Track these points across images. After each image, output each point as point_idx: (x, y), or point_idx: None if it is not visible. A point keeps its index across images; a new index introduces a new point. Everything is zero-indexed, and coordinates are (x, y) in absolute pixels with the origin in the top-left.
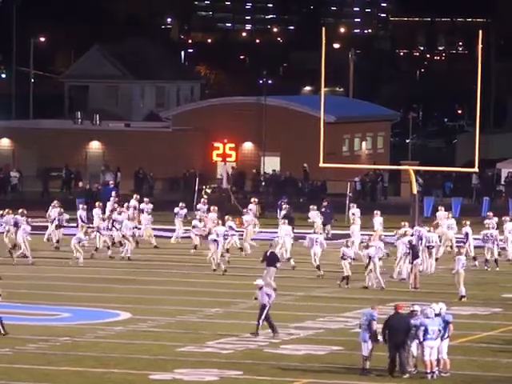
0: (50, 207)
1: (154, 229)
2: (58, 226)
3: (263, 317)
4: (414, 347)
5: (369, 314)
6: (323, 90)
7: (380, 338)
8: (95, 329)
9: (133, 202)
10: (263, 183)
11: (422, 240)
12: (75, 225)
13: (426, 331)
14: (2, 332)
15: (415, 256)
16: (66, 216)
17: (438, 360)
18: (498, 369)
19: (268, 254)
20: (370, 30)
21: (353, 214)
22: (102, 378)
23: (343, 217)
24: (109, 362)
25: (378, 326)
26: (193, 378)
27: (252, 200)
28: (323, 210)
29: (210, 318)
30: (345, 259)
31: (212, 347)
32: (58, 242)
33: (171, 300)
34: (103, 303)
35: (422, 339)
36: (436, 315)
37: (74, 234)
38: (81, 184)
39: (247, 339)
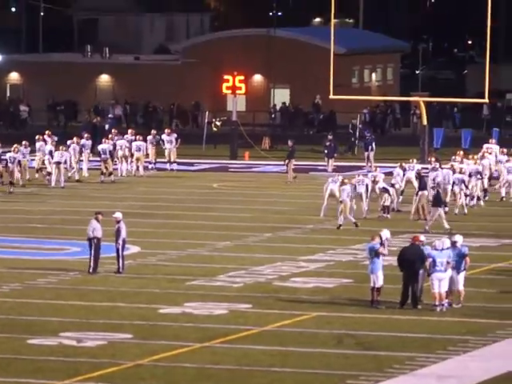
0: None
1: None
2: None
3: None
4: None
5: (370, 246)
6: (333, 21)
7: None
8: (104, 263)
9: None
10: (273, 116)
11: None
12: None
13: (434, 263)
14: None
15: (423, 187)
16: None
17: (447, 292)
18: (507, 300)
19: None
20: None
21: None
22: (111, 312)
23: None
24: (116, 297)
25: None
26: (202, 311)
27: None
28: (327, 143)
29: (220, 252)
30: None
31: (222, 281)
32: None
33: (181, 234)
34: (112, 237)
35: (430, 271)
36: (444, 248)
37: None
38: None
39: (257, 273)
